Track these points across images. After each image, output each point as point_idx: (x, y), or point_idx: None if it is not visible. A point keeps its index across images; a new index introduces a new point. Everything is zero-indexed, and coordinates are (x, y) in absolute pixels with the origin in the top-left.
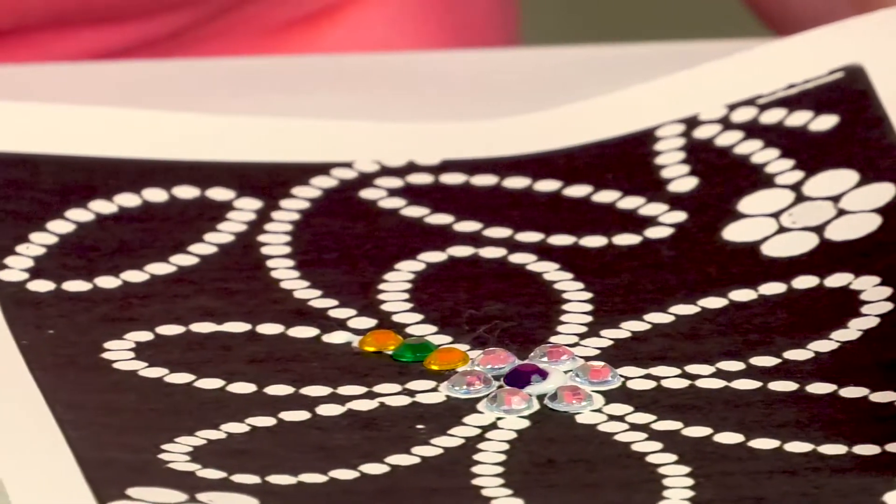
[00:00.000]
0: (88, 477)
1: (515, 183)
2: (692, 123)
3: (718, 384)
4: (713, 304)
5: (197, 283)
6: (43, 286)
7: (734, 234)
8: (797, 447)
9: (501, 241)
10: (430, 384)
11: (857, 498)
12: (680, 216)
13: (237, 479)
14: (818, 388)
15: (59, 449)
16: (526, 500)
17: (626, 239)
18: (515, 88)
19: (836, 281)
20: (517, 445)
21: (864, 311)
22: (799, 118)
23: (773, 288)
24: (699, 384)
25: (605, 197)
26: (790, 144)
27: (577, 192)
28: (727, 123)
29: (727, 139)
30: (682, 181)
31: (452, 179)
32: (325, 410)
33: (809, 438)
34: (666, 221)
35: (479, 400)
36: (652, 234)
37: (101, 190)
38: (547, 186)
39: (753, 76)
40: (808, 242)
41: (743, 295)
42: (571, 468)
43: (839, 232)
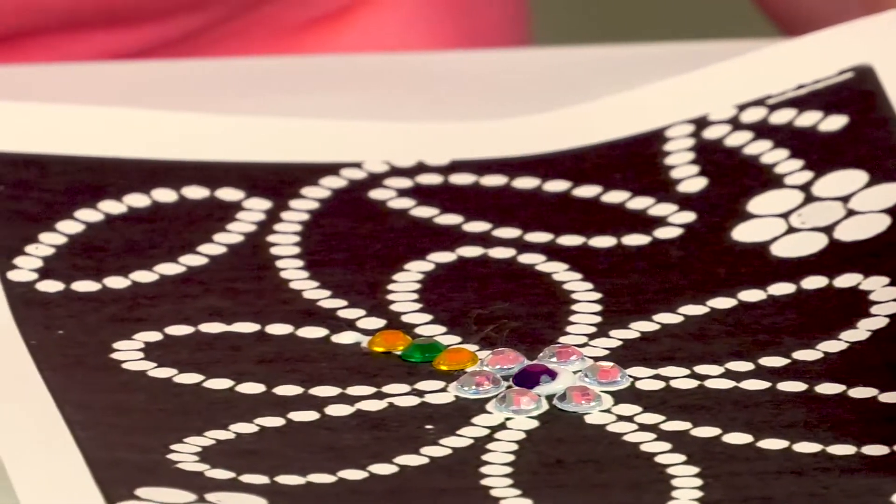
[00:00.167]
0: (97, 477)
1: (525, 183)
2: (702, 124)
3: (727, 384)
4: (722, 304)
5: (206, 283)
6: (52, 286)
7: (743, 234)
8: (806, 447)
9: (510, 241)
10: (439, 384)
11: (865, 498)
12: (689, 216)
13: (246, 479)
14: (827, 388)
15: (67, 449)
16: (534, 500)
17: (635, 239)
18: (525, 89)
19: (845, 281)
20: (526, 446)
21: (873, 311)
22: (808, 118)
23: (782, 288)
24: (708, 384)
25: (614, 197)
26: (799, 145)
27: (586, 192)
28: (737, 124)
29: (737, 139)
30: (691, 181)
31: (462, 179)
32: (333, 411)
33: (818, 439)
34: (675, 222)
35: (487, 400)
36: (661, 234)
37: (110, 190)
38: (556, 187)
39: (763, 76)
40: (817, 243)
41: (752, 295)
42: (580, 468)
43: (848, 232)
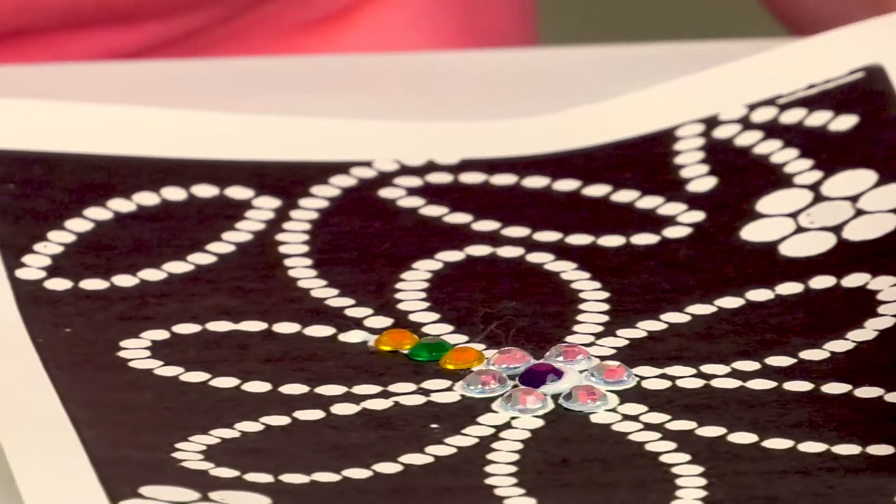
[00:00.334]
0: (101, 475)
1: (534, 182)
2: (712, 123)
3: (733, 384)
4: (730, 303)
5: (214, 281)
6: (60, 284)
7: (752, 234)
8: (811, 447)
9: (519, 240)
10: (445, 383)
11: (870, 498)
12: (698, 216)
13: (250, 477)
14: (833, 388)
15: (72, 447)
16: (539, 499)
17: (643, 238)
18: (534, 88)
19: (852, 281)
20: (531, 445)
21: (880, 311)
22: (818, 118)
23: (789, 288)
24: (714, 384)
25: (623, 197)
26: (809, 144)
27: (595, 191)
28: (747, 123)
29: (747, 139)
30: (700, 181)
31: (471, 179)
32: (339, 409)
33: (823, 438)
34: (684, 221)
35: (493, 399)
36: (670, 233)
37: (119, 188)
38: (565, 186)
39: (773, 76)
40: (825, 242)
41: (760, 295)
42: (585, 468)
43: (857, 232)
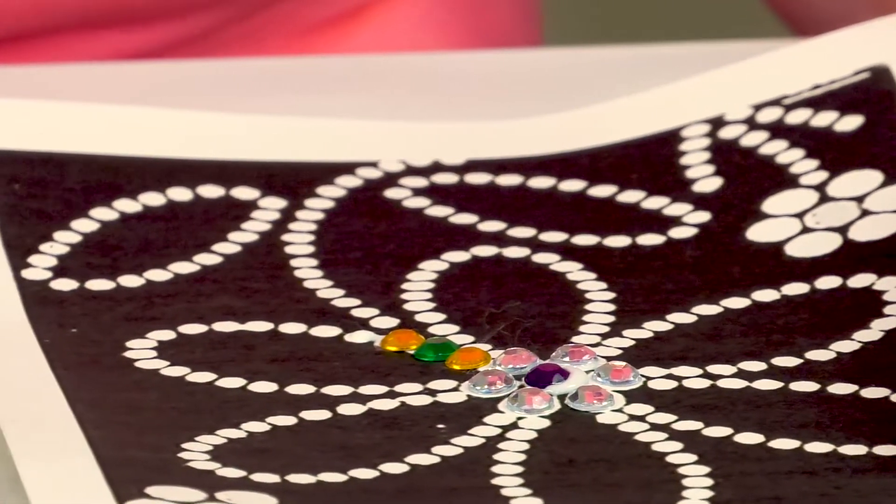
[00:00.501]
0: (108, 475)
1: (540, 183)
2: (718, 124)
3: (740, 384)
4: (736, 304)
5: (220, 282)
6: (66, 285)
7: (758, 234)
8: (817, 447)
9: (525, 240)
10: (451, 384)
11: (876, 498)
12: (704, 216)
13: (257, 478)
14: (840, 388)
15: (78, 447)
16: (545, 499)
17: (649, 239)
18: (540, 88)
19: (859, 281)
20: (538, 445)
21: (886, 311)
22: (824, 119)
23: (795, 288)
24: (720, 384)
25: (629, 197)
26: (815, 145)
27: (601, 192)
28: (753, 124)
29: (752, 139)
30: (706, 181)
31: (477, 179)
32: (346, 410)
33: (830, 439)
34: (690, 222)
35: (500, 399)
36: (676, 234)
37: (126, 189)
38: (571, 186)
39: (779, 77)
40: (831, 243)
41: (766, 295)
42: (591, 468)
43: (863, 232)
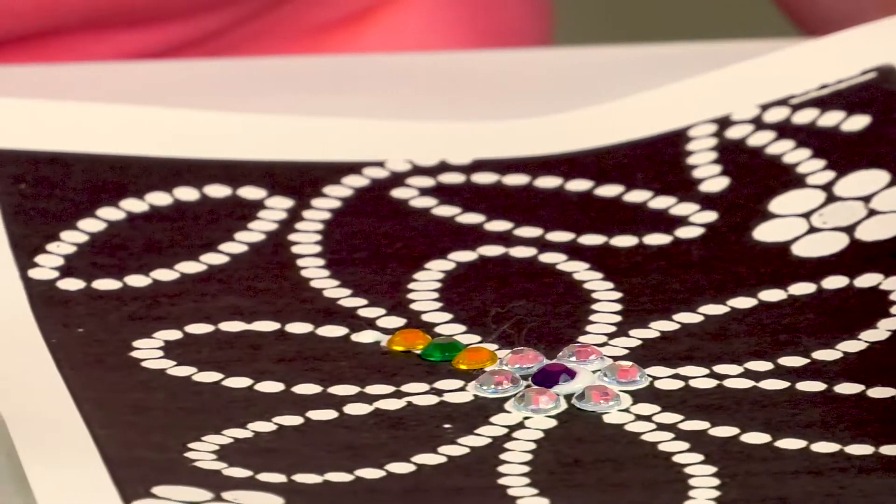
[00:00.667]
0: (114, 475)
1: (547, 182)
2: (724, 123)
3: (746, 384)
4: (742, 304)
5: (227, 281)
6: (73, 284)
7: (764, 234)
8: (823, 447)
9: (532, 240)
10: (458, 383)
11: (882, 498)
12: (710, 216)
13: (263, 477)
14: (846, 388)
15: (85, 447)
16: (551, 499)
17: (656, 239)
18: (547, 88)
19: (865, 281)
20: (544, 445)
21: (893, 311)
22: (831, 118)
23: (802, 288)
24: (727, 384)
25: (636, 197)
26: (822, 144)
27: (608, 191)
28: (759, 123)
29: (759, 139)
30: (713, 181)
31: (484, 179)
32: (352, 409)
33: (836, 439)
34: (696, 221)
35: (506, 399)
36: (682, 234)
37: (132, 188)
38: (578, 186)
39: (786, 76)
40: (838, 243)
41: (772, 295)
42: (598, 468)
43: (869, 232)
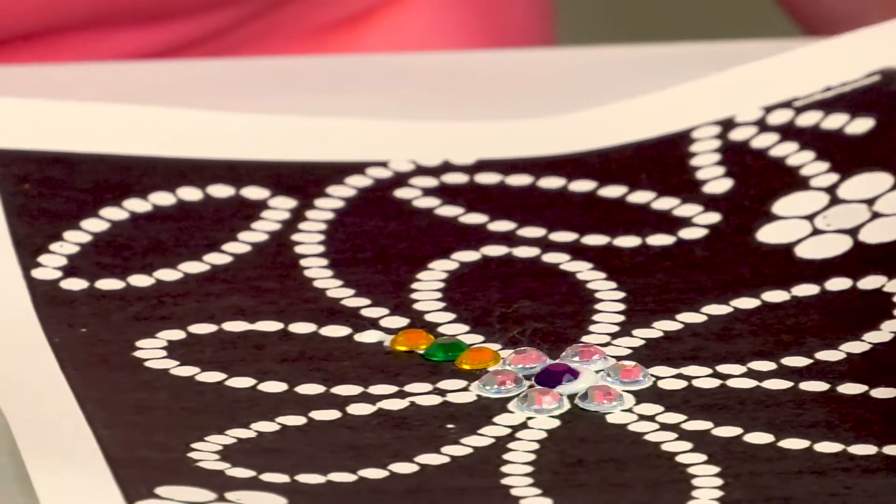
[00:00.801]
0: (117, 475)
1: (550, 183)
2: (728, 125)
3: (749, 384)
4: (746, 304)
5: (230, 281)
6: (76, 284)
7: (768, 235)
8: (827, 447)
9: (535, 240)
10: (461, 383)
11: (886, 498)
12: (714, 217)
13: (266, 478)
14: (849, 388)
15: (88, 447)
16: (555, 499)
17: (659, 239)
18: (550, 88)
19: (869, 283)
20: (547, 445)
21: None
22: (835, 121)
23: (806, 289)
24: (730, 384)
25: (639, 198)
26: (826, 147)
27: (611, 192)
28: (763, 125)
29: (763, 141)
30: (717, 182)
31: (487, 179)
32: (355, 409)
33: (840, 439)
34: (700, 222)
35: (509, 399)
36: (686, 234)
37: (135, 188)
38: (582, 187)
39: (790, 79)
40: (842, 245)
41: (776, 296)
42: (601, 468)
43: (873, 234)
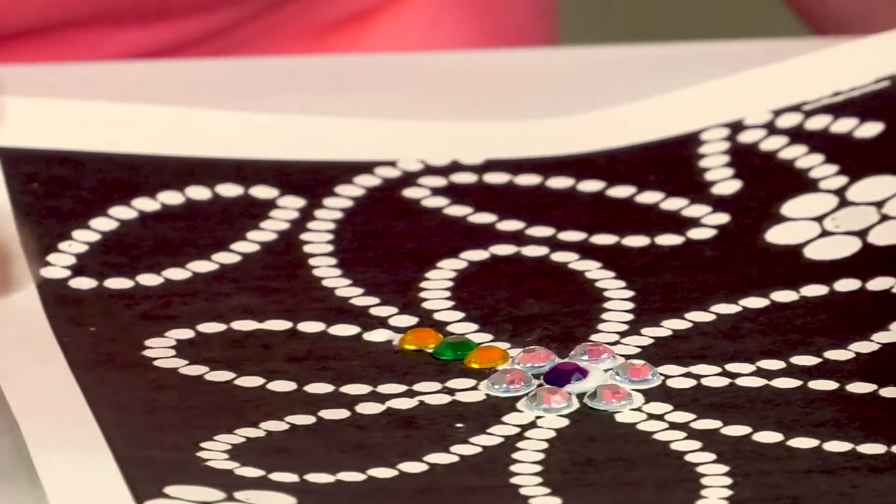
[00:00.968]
0: (126, 475)
1: (559, 183)
2: (737, 128)
3: (759, 383)
4: (754, 304)
5: (239, 281)
6: (85, 283)
7: (776, 236)
8: (836, 446)
9: (544, 240)
10: (470, 382)
11: (894, 498)
12: (723, 218)
13: (275, 477)
14: (858, 387)
15: (97, 447)
16: (564, 499)
17: (668, 239)
18: (558, 88)
19: (877, 285)
20: (556, 444)
21: None
22: (844, 125)
23: (814, 290)
24: (739, 383)
25: (648, 198)
26: (834, 150)
27: (620, 192)
28: (772, 128)
29: (772, 144)
30: (725, 184)
31: (496, 179)
32: (364, 409)
33: (848, 438)
34: (709, 223)
35: (518, 398)
36: (694, 235)
37: (144, 187)
38: (590, 187)
39: (799, 83)
40: (850, 246)
41: (784, 296)
42: (610, 467)
43: (882, 237)
